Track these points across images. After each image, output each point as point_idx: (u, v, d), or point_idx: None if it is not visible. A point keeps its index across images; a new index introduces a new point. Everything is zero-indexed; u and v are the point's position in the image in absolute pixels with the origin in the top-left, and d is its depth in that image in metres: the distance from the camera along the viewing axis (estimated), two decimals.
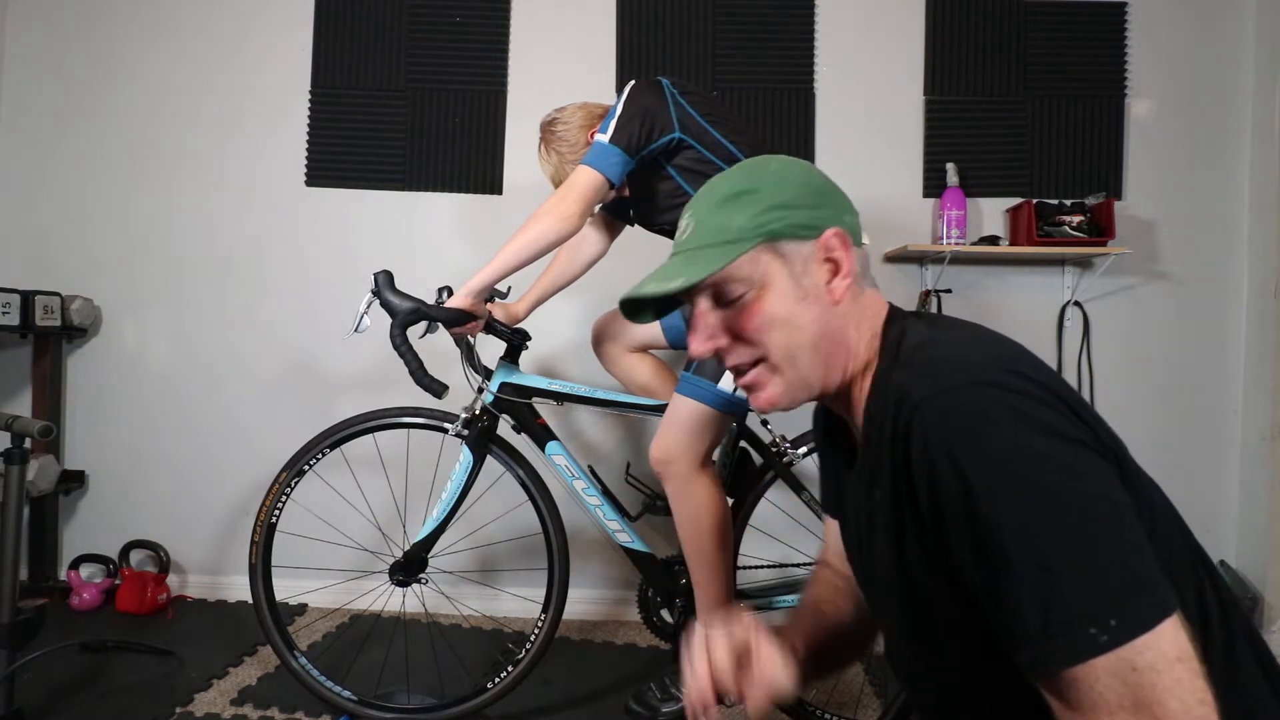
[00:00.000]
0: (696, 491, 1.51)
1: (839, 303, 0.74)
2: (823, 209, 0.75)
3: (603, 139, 1.47)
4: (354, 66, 2.44)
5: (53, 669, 1.82)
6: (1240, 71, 2.36)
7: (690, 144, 1.51)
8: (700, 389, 1.48)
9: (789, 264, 0.73)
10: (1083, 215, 2.23)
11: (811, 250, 0.74)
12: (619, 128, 1.47)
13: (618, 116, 1.48)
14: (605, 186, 1.47)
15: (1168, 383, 2.35)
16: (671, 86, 1.53)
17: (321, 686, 1.69)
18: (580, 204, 1.46)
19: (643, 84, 1.52)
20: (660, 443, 1.51)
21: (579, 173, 1.47)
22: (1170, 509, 0.68)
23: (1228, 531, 2.35)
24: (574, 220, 1.46)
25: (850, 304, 0.75)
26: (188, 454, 2.45)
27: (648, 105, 1.48)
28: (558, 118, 1.68)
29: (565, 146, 1.65)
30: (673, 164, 1.53)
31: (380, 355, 2.27)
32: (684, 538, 1.54)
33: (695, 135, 1.51)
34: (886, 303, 0.79)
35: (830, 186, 0.78)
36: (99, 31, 2.46)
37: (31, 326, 2.22)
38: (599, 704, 1.83)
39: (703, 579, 1.53)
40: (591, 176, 1.46)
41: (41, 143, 2.46)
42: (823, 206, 0.75)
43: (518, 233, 1.47)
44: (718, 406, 1.47)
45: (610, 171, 1.46)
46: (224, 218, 2.45)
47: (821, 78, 2.40)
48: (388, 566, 1.69)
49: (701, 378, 1.49)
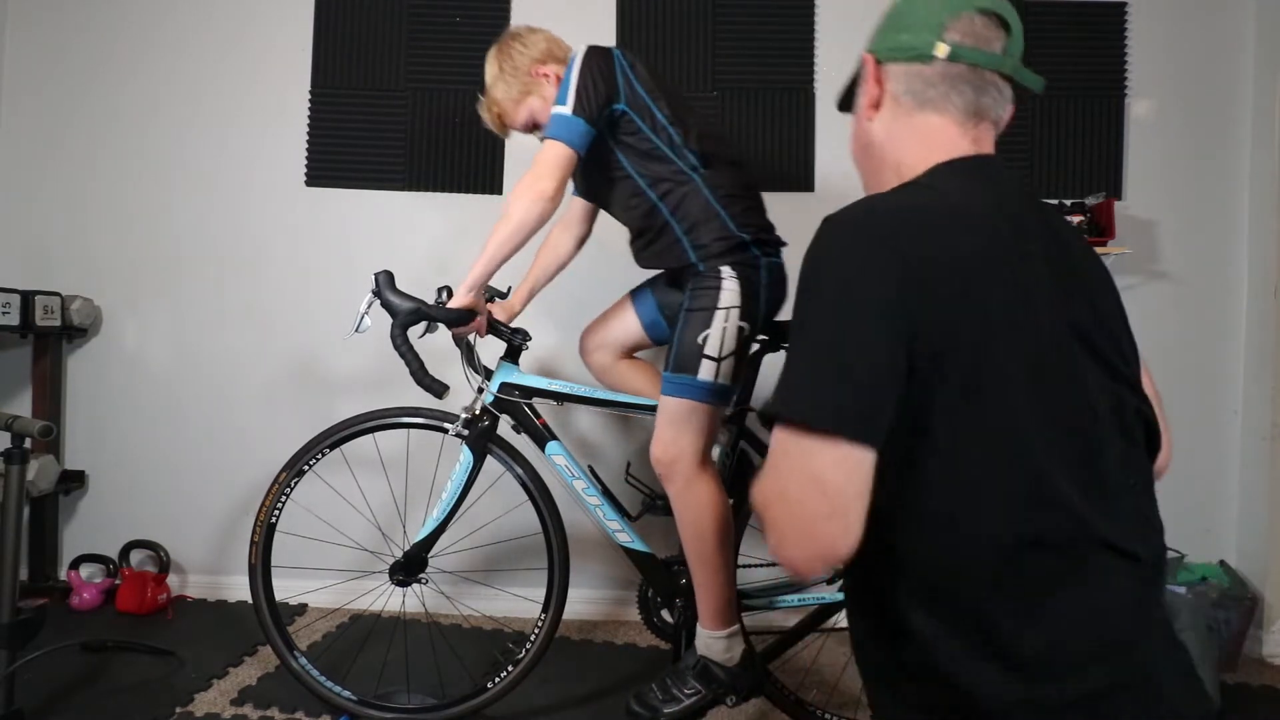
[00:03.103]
0: (699, 492, 1.51)
1: (870, 119, 0.83)
2: (881, 35, 0.84)
3: (563, 110, 1.46)
4: (354, 66, 2.44)
5: (53, 669, 1.82)
6: (1240, 71, 2.36)
7: (633, 119, 1.51)
8: (681, 385, 1.49)
9: (863, 84, 0.85)
10: (1083, 215, 2.23)
11: (863, 73, 0.84)
12: (577, 97, 1.45)
13: (574, 86, 1.46)
14: (574, 158, 1.47)
15: (1167, 382, 2.33)
16: (623, 58, 1.52)
17: (321, 686, 1.69)
18: (554, 179, 1.45)
19: (593, 50, 1.51)
20: (658, 446, 1.52)
21: (546, 148, 1.46)
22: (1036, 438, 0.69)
23: (1228, 531, 2.35)
24: (552, 197, 1.45)
25: (891, 122, 0.82)
26: (188, 454, 2.45)
27: (599, 70, 1.48)
28: (521, 36, 1.65)
29: (509, 66, 1.63)
30: (616, 140, 1.53)
31: (380, 355, 2.27)
32: (685, 539, 1.54)
33: (638, 111, 1.50)
34: (959, 143, 0.80)
35: (900, 9, 0.83)
36: (99, 31, 2.46)
37: (31, 326, 2.22)
38: (599, 704, 1.83)
39: (704, 580, 1.53)
40: (559, 150, 1.46)
41: (41, 143, 2.46)
42: (883, 32, 0.83)
43: (499, 223, 1.47)
44: (701, 398, 1.48)
45: (576, 142, 1.46)
46: (224, 218, 2.45)
47: (821, 78, 2.40)
48: (388, 566, 1.69)
49: (680, 374, 1.49)
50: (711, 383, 1.48)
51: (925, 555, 0.70)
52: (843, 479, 0.64)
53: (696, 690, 1.53)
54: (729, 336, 1.49)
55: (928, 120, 0.80)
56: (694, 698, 1.53)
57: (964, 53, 0.77)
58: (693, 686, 1.54)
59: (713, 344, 1.48)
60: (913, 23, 0.79)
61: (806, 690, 1.74)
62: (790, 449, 0.66)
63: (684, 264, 1.56)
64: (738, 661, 1.54)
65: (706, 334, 1.48)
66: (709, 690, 1.53)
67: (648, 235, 1.61)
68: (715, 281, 1.50)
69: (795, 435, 0.66)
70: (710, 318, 1.49)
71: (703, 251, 1.53)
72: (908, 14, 0.81)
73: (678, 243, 1.55)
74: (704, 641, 1.54)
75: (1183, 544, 2.10)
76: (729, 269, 1.51)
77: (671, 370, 1.51)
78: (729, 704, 1.54)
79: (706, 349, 1.47)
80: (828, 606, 1.69)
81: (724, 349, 1.48)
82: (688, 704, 1.53)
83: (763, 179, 2.38)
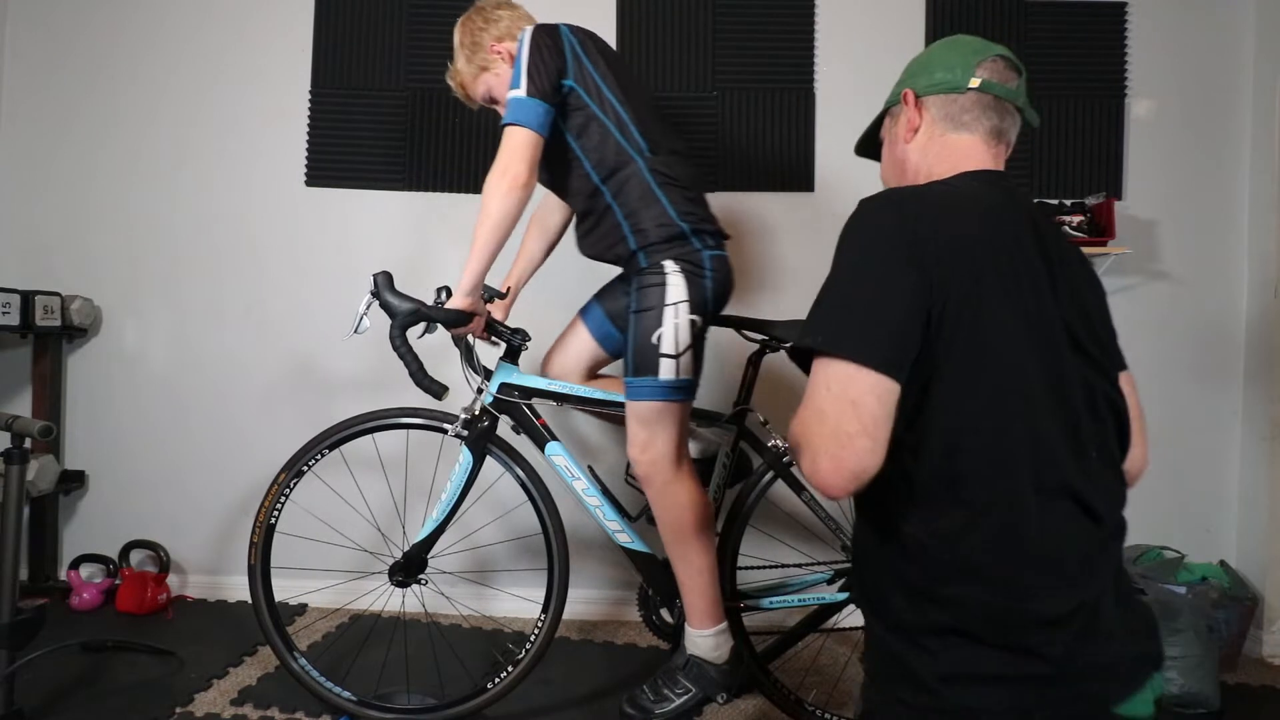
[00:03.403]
0: (678, 492, 1.52)
1: (908, 141, 1.01)
2: (913, 78, 1.02)
3: (518, 93, 1.45)
4: (354, 66, 2.44)
5: (53, 669, 1.82)
6: (1240, 71, 2.36)
7: (580, 94, 1.50)
8: (644, 388, 1.49)
9: (894, 119, 1.05)
10: (1083, 215, 2.23)
11: (900, 108, 1.03)
12: (530, 79, 1.45)
13: (525, 67, 1.46)
14: (537, 140, 1.46)
15: (1167, 382, 2.35)
16: (571, 34, 1.52)
17: (321, 687, 1.69)
18: (523, 164, 1.45)
19: (540, 28, 1.51)
20: (633, 449, 1.53)
21: (508, 135, 1.46)
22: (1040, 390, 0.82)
23: (1228, 531, 2.35)
24: (525, 183, 1.45)
25: (927, 142, 1.00)
26: (188, 454, 2.45)
27: (547, 48, 1.47)
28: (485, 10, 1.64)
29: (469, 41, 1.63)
30: (564, 119, 1.52)
31: (380, 356, 2.27)
32: (667, 539, 1.55)
33: (586, 88, 1.50)
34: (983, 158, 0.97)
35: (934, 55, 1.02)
36: (99, 31, 2.46)
37: (31, 326, 2.22)
38: (599, 704, 1.83)
39: (687, 578, 1.54)
40: (520, 134, 1.45)
41: (42, 142, 2.46)
42: (914, 76, 1.02)
43: (480, 218, 1.46)
44: (667, 397, 1.49)
45: (535, 124, 1.45)
46: (224, 218, 2.45)
47: (821, 78, 2.40)
48: (387, 567, 1.69)
49: (640, 377, 1.49)
50: (674, 380, 1.48)
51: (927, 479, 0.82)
52: (875, 404, 0.77)
53: (687, 689, 1.54)
54: (682, 331, 1.48)
55: (960, 139, 0.98)
56: (685, 697, 1.54)
57: (992, 86, 0.97)
58: (683, 686, 1.54)
59: (668, 341, 1.47)
60: (948, 64, 0.99)
61: (806, 690, 1.74)
62: (832, 378, 0.79)
63: (625, 254, 1.55)
64: (727, 659, 1.54)
65: (660, 332, 1.48)
66: (699, 689, 1.54)
67: (589, 220, 1.60)
68: (659, 278, 1.50)
69: (838, 366, 0.79)
70: (660, 315, 1.48)
71: (642, 238, 1.52)
72: (941, 59, 1.00)
73: (618, 227, 1.54)
74: (692, 640, 1.55)
75: (1183, 544, 2.10)
76: (672, 263, 1.50)
77: (632, 374, 1.51)
78: (719, 701, 1.55)
79: (663, 347, 1.47)
80: (828, 607, 1.69)
81: (680, 345, 1.48)
82: (679, 703, 1.53)
83: (763, 179, 2.41)
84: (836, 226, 0.87)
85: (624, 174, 1.52)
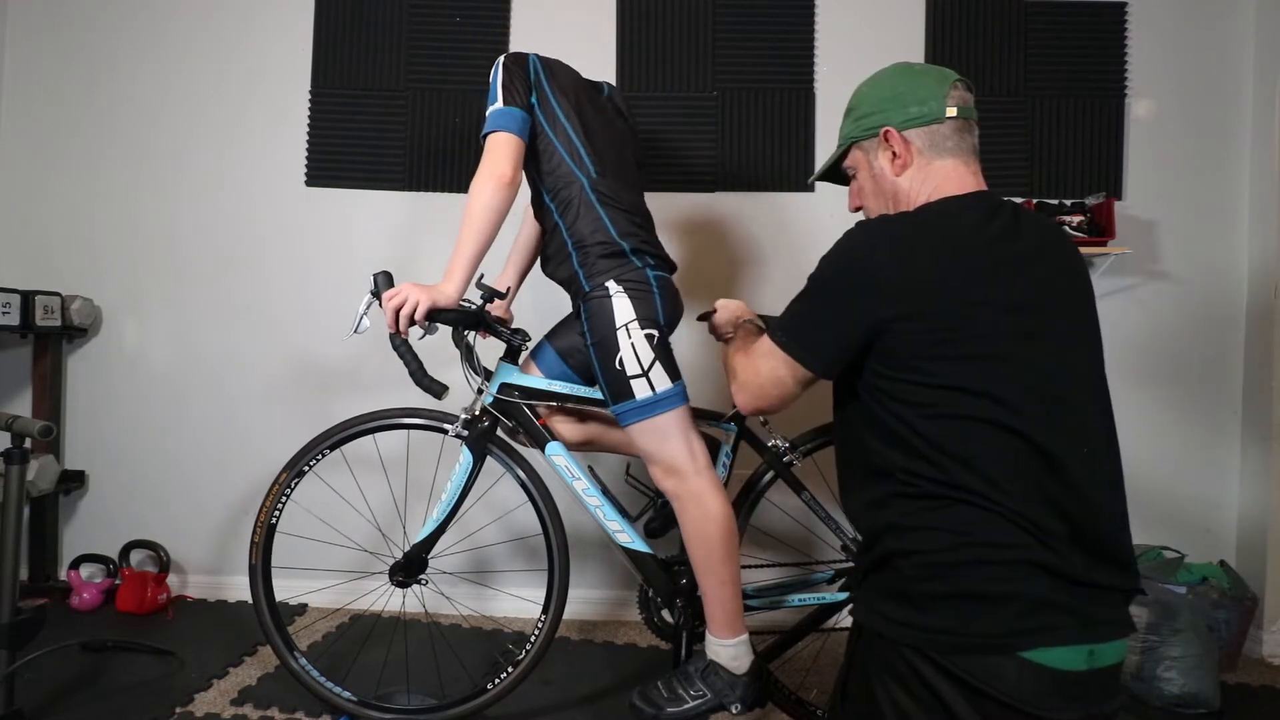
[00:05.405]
0: (704, 501, 1.51)
1: (897, 174, 1.10)
2: (885, 111, 1.11)
3: (496, 106, 1.51)
4: (354, 66, 2.44)
5: (53, 669, 1.82)
6: (1240, 71, 2.36)
7: (540, 119, 1.55)
8: (629, 411, 1.51)
9: (867, 154, 1.15)
10: (1083, 215, 2.23)
11: (876, 142, 1.12)
12: (504, 91, 1.52)
13: (500, 85, 1.53)
14: (518, 142, 1.50)
15: (1168, 383, 2.35)
16: (537, 60, 1.58)
17: (321, 687, 1.69)
18: (507, 161, 1.48)
19: (510, 55, 1.57)
20: (652, 467, 1.54)
21: (490, 142, 1.50)
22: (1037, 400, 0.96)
23: (1228, 531, 2.35)
24: (510, 181, 1.48)
25: (915, 172, 1.09)
26: (188, 454, 2.45)
27: (517, 70, 1.54)
28: None
29: None
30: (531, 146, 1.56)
31: (380, 356, 2.27)
32: (691, 549, 1.54)
33: (543, 109, 1.55)
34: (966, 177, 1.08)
35: (897, 89, 1.11)
36: (100, 31, 2.46)
37: (32, 326, 2.22)
38: (599, 704, 1.83)
39: (711, 589, 1.53)
40: (501, 137, 1.49)
41: (42, 143, 2.47)
42: (886, 109, 1.11)
43: (465, 217, 1.47)
44: (654, 412, 1.50)
45: (514, 128, 1.50)
46: (224, 218, 2.45)
47: (821, 78, 2.40)
48: (388, 567, 1.69)
49: (620, 404, 1.51)
50: (652, 396, 1.49)
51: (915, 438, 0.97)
52: (795, 385, 1.12)
53: (702, 694, 1.53)
54: (641, 347, 1.49)
55: (945, 163, 1.08)
56: (698, 700, 1.53)
57: (964, 111, 1.09)
58: (699, 690, 1.53)
59: (630, 362, 1.49)
60: (920, 97, 1.09)
61: (806, 690, 1.74)
62: (779, 361, 1.10)
63: (569, 276, 1.58)
64: (746, 671, 1.53)
65: (619, 356, 1.49)
66: (715, 695, 1.53)
67: (547, 239, 1.63)
68: (604, 302, 1.51)
69: (786, 356, 1.09)
70: (615, 340, 1.50)
71: (583, 255, 1.54)
72: (910, 93, 1.10)
73: (564, 245, 1.57)
74: (713, 648, 1.54)
75: (1183, 544, 2.10)
76: (614, 284, 1.52)
77: (613, 403, 1.53)
78: (734, 711, 1.53)
79: (628, 370, 1.49)
80: (828, 607, 1.69)
81: (644, 361, 1.49)
82: (691, 706, 1.53)
83: (763, 179, 2.41)
84: (836, 227, 0.89)
85: (569, 193, 1.55)
